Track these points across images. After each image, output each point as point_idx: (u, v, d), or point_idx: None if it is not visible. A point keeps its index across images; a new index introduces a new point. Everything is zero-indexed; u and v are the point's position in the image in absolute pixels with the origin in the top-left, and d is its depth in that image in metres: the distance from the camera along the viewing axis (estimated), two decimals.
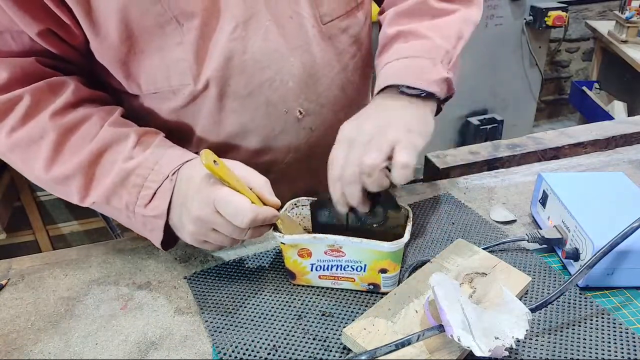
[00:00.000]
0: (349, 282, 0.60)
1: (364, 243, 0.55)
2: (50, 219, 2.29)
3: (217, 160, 0.51)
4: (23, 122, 0.58)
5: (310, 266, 0.59)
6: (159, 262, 0.68)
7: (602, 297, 0.59)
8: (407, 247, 0.68)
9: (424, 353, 0.49)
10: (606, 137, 0.93)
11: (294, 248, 0.58)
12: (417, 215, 0.74)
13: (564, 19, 2.44)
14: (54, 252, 0.71)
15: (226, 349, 0.53)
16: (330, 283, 0.60)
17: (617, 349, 0.52)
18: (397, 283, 0.59)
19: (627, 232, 0.55)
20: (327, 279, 0.60)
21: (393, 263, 0.57)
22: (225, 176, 0.52)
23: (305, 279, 0.61)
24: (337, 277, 0.59)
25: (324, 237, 0.56)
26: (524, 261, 0.64)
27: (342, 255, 0.57)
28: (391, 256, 0.56)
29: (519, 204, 0.77)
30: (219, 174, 0.51)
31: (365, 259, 0.57)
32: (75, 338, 0.57)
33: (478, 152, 0.90)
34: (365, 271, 0.58)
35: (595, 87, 2.75)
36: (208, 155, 0.50)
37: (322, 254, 0.58)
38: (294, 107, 0.68)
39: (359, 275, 0.59)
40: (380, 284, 0.59)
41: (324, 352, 0.53)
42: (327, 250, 0.57)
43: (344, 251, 0.57)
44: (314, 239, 0.57)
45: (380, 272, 0.58)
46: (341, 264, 0.58)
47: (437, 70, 0.62)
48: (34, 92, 0.58)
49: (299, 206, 0.65)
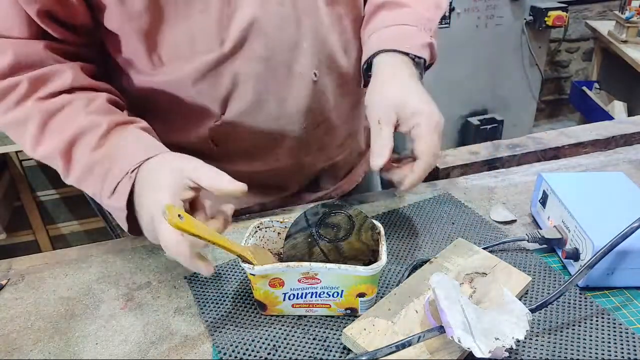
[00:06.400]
0: (325, 309, 0.56)
1: (342, 269, 0.52)
2: (50, 219, 2.29)
3: (183, 214, 0.48)
4: (16, 104, 0.61)
5: (283, 296, 0.55)
6: (159, 262, 0.68)
7: (602, 297, 0.59)
8: (406, 248, 0.68)
9: (424, 354, 0.49)
10: (606, 137, 0.93)
11: (265, 278, 0.54)
12: (417, 215, 0.74)
13: (564, 19, 2.45)
14: (54, 252, 0.71)
15: (226, 349, 0.53)
16: (304, 311, 0.57)
17: (617, 349, 0.52)
18: (373, 304, 0.56)
19: (627, 232, 0.55)
20: (301, 307, 0.56)
21: (371, 286, 0.54)
22: (193, 229, 0.48)
23: (277, 309, 0.57)
24: (311, 304, 0.56)
25: (298, 264, 0.53)
26: (524, 261, 0.64)
27: (318, 282, 0.54)
28: (369, 280, 0.54)
29: (519, 204, 0.77)
30: (186, 229, 0.48)
31: (342, 285, 0.54)
32: (75, 338, 0.57)
33: (478, 152, 0.90)
34: (342, 297, 0.55)
35: (595, 87, 2.76)
36: (171, 211, 0.46)
37: (295, 282, 0.54)
38: (310, 70, 0.71)
39: (335, 301, 0.55)
40: (357, 308, 0.56)
41: (324, 352, 0.53)
42: (301, 278, 0.54)
43: (319, 278, 0.54)
44: (288, 267, 0.53)
45: (357, 296, 0.55)
46: (316, 291, 0.55)
47: (422, 36, 0.69)
48: (31, 79, 0.60)
49: (262, 229, 0.61)
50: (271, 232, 0.62)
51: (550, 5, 2.47)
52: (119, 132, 0.61)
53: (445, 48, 2.40)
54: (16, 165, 2.10)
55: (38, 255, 0.70)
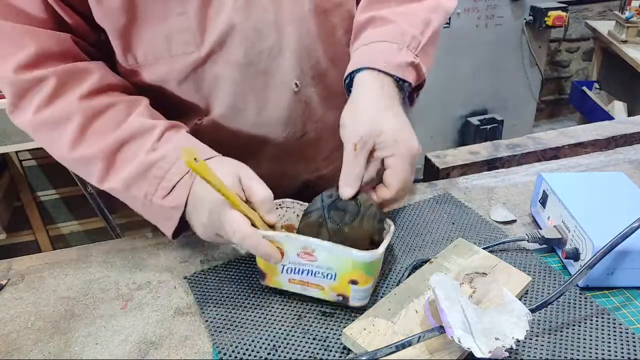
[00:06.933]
0: (318, 290, 0.57)
1: (335, 248, 0.53)
2: (50, 219, 2.29)
3: (198, 158, 0.50)
4: (49, 101, 0.60)
5: (282, 267, 0.57)
6: (159, 262, 0.68)
7: (602, 297, 0.59)
8: (406, 248, 0.68)
9: (424, 353, 0.49)
10: (606, 137, 0.93)
11: None
12: (417, 215, 0.74)
13: (564, 19, 2.44)
14: (54, 252, 0.71)
15: (226, 349, 0.53)
16: (300, 288, 0.58)
17: (617, 349, 0.52)
18: (367, 298, 0.57)
19: (627, 232, 0.55)
20: (297, 283, 0.57)
21: (365, 275, 0.54)
22: (206, 174, 0.50)
23: (275, 281, 0.58)
24: (306, 282, 0.57)
25: (296, 236, 0.55)
26: (524, 261, 0.64)
27: (314, 260, 0.55)
28: (363, 267, 0.54)
29: (519, 204, 0.77)
30: (199, 171, 0.50)
31: (336, 267, 0.55)
32: (75, 338, 0.57)
33: (478, 152, 0.90)
34: (335, 280, 0.55)
35: (595, 87, 2.75)
36: (188, 153, 0.49)
37: (294, 255, 0.55)
38: (291, 79, 0.69)
39: (329, 283, 0.56)
40: (349, 297, 0.56)
41: (324, 352, 0.53)
42: (299, 252, 0.55)
43: (315, 255, 0.55)
44: (287, 237, 0.55)
45: (350, 283, 0.55)
46: (312, 269, 0.56)
47: (403, 55, 0.64)
48: (59, 74, 0.60)
49: (283, 207, 0.63)
50: (291, 212, 0.63)
51: (550, 5, 2.46)
52: (173, 135, 0.62)
53: (445, 48, 2.41)
54: (16, 165, 2.10)
55: (38, 255, 0.70)
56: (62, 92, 0.60)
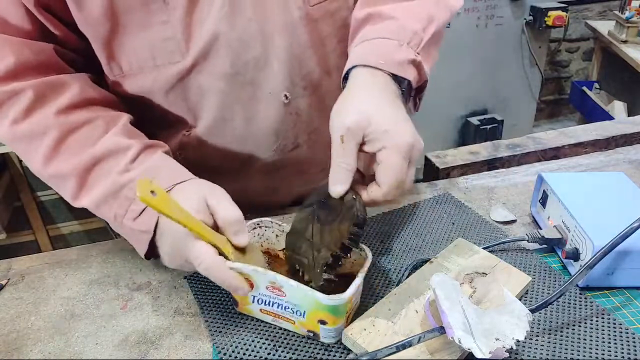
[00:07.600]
0: (289, 324, 0.55)
1: (301, 288, 0.50)
2: (50, 219, 2.29)
3: (156, 190, 0.46)
4: (26, 114, 0.59)
5: (252, 298, 0.55)
6: (159, 262, 0.68)
7: (602, 297, 0.59)
8: (406, 248, 0.68)
9: (424, 354, 0.49)
10: (606, 137, 0.93)
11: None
12: (417, 215, 0.74)
13: (564, 19, 2.44)
14: (54, 252, 0.71)
15: (226, 349, 0.53)
16: (271, 319, 0.56)
17: (617, 349, 0.52)
18: (339, 336, 0.53)
19: (627, 232, 0.55)
20: (268, 314, 0.55)
21: (332, 316, 0.51)
22: (165, 209, 0.47)
23: (247, 309, 0.57)
24: (278, 315, 0.55)
25: (264, 272, 0.51)
26: (524, 261, 0.64)
27: (283, 296, 0.52)
28: (328, 309, 0.50)
29: (519, 204, 0.77)
30: (157, 207, 0.46)
31: (304, 306, 0.52)
32: (75, 338, 0.57)
33: (478, 152, 0.90)
34: (305, 317, 0.53)
35: (595, 87, 2.75)
36: (143, 186, 0.45)
37: (264, 288, 0.53)
38: (280, 90, 0.67)
39: (299, 319, 0.53)
40: (319, 334, 0.53)
41: (324, 352, 0.53)
42: (268, 286, 0.52)
43: (284, 291, 0.52)
44: (254, 270, 0.51)
45: (319, 322, 0.52)
46: (282, 303, 0.53)
47: (403, 52, 0.60)
48: (37, 87, 0.59)
49: (261, 227, 0.61)
50: (270, 232, 0.61)
51: (550, 5, 2.46)
52: (148, 156, 0.60)
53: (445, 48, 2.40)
54: (16, 165, 2.10)
55: (38, 255, 0.70)
56: (39, 106, 0.59)
